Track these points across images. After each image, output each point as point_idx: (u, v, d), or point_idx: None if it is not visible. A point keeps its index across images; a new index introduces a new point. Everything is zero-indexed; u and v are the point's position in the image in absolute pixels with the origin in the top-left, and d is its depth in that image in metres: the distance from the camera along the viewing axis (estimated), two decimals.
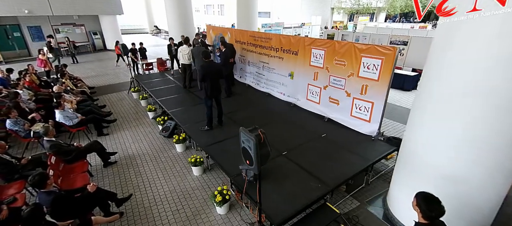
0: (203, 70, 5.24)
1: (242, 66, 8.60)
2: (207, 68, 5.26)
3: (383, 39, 10.91)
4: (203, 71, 5.23)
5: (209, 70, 5.27)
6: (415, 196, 2.28)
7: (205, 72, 5.23)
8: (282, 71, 6.81)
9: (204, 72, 5.23)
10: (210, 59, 5.55)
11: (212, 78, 5.34)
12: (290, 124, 5.65)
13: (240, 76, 8.89)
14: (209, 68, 5.29)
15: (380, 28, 16.07)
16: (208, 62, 5.37)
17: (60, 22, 16.66)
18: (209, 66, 5.33)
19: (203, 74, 5.22)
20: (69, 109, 5.91)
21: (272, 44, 6.89)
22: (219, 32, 9.63)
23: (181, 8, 10.20)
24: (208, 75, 5.25)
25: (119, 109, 7.96)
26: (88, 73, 12.46)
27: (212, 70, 5.34)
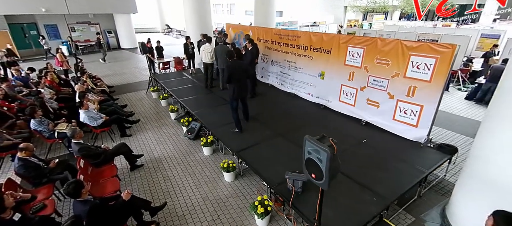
0: (229, 70, 4.94)
1: (265, 65, 8.28)
2: (234, 67, 4.97)
3: (409, 37, 10.39)
4: (229, 71, 4.94)
5: (235, 69, 4.98)
6: (492, 215, 1.92)
7: (231, 72, 4.93)
8: (311, 71, 6.46)
9: (231, 72, 4.93)
10: (235, 58, 5.23)
11: (239, 78, 5.06)
12: (324, 128, 5.30)
13: (262, 76, 8.58)
14: (236, 68, 5.00)
15: (400, 26, 15.48)
16: (234, 61, 5.08)
17: (75, 21, 16.70)
18: (236, 65, 5.04)
19: (229, 74, 4.92)
20: (93, 110, 5.72)
21: (301, 43, 6.55)
22: (240, 30, 9.35)
23: (200, 6, 9.93)
24: (235, 75, 4.97)
25: (139, 109, 7.77)
26: (105, 72, 12.36)
27: (238, 69, 5.05)
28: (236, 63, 5.11)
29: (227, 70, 4.95)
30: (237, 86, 5.04)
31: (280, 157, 4.27)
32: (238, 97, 5.18)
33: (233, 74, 4.95)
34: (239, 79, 5.07)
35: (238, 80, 5.03)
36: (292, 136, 4.92)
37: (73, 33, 16.80)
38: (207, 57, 7.89)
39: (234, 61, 5.10)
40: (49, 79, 7.76)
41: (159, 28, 29.67)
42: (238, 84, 5.04)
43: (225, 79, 5.05)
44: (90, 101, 6.01)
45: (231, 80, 4.97)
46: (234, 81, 4.98)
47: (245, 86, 5.33)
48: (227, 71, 4.95)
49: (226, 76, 4.97)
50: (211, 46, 7.94)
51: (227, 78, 4.98)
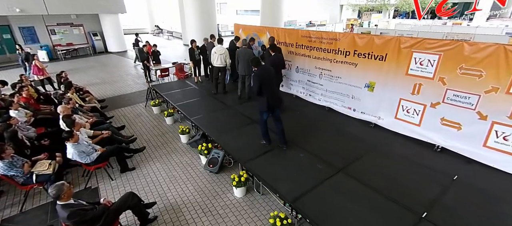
0: (259, 79, 4.17)
1: (287, 72, 7.10)
2: (263, 76, 4.24)
3: (434, 36, 9.49)
4: (259, 79, 4.16)
5: (266, 78, 4.25)
6: None
7: (262, 80, 4.17)
8: (355, 81, 5.34)
9: (261, 81, 4.15)
10: (263, 65, 4.50)
11: (271, 88, 4.35)
12: (386, 157, 4.18)
13: (282, 84, 7.39)
14: (266, 76, 4.27)
15: (414, 25, 14.64)
16: (263, 68, 4.40)
17: (56, 22, 14.89)
18: (266, 73, 4.32)
19: (260, 82, 4.15)
20: (85, 140, 4.34)
21: (340, 47, 5.41)
22: (252, 31, 8.13)
23: (203, 5, 8.61)
24: (267, 84, 4.24)
25: (140, 130, 6.40)
26: (92, 80, 10.80)
27: (270, 77, 4.33)
28: (266, 70, 4.42)
29: (257, 79, 4.20)
30: (269, 96, 4.26)
31: (358, 210, 3.11)
32: (271, 109, 4.38)
33: (264, 83, 4.20)
34: (271, 88, 4.36)
35: (270, 89, 4.32)
36: (359, 173, 3.78)
37: (54, 36, 15.01)
38: (219, 60, 6.83)
39: (263, 68, 4.37)
40: (25, 95, 6.26)
41: (148, 29, 27.88)
42: (270, 94, 4.29)
43: (256, 90, 4.23)
44: (79, 127, 4.62)
45: (262, 91, 4.21)
46: (265, 91, 4.23)
47: (278, 96, 4.55)
48: (257, 80, 4.20)
49: (257, 86, 4.21)
50: (223, 48, 6.86)
51: (258, 89, 4.21)
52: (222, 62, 7.06)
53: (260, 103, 4.36)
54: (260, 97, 4.29)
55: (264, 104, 4.26)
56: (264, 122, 4.46)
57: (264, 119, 4.43)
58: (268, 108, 4.30)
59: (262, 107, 4.32)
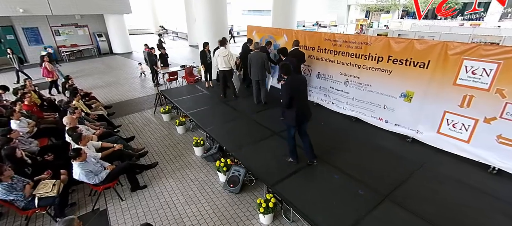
0: (289, 90, 3.70)
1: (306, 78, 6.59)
2: (295, 85, 3.75)
3: (460, 40, 8.93)
4: (290, 90, 3.69)
5: (297, 88, 3.77)
6: None
7: (293, 91, 3.68)
8: (388, 90, 4.84)
9: (292, 92, 3.67)
10: (293, 73, 3.93)
11: (302, 99, 3.89)
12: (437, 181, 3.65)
13: None
14: (297, 85, 3.79)
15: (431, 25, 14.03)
16: (294, 77, 3.87)
17: (60, 23, 14.53)
18: (297, 82, 3.81)
19: (291, 94, 3.66)
20: (93, 157, 3.89)
21: (371, 52, 4.91)
22: (268, 34, 7.64)
23: (214, 6, 8.14)
24: (297, 95, 3.74)
25: (149, 140, 5.94)
26: (97, 83, 10.39)
27: (300, 86, 3.85)
28: (298, 79, 3.90)
29: (288, 90, 3.70)
30: (299, 109, 3.78)
31: None
32: (301, 123, 3.94)
33: (295, 93, 3.70)
34: (302, 100, 3.90)
35: (301, 102, 3.84)
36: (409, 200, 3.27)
37: (58, 37, 14.65)
38: (223, 63, 6.65)
39: (294, 76, 3.86)
40: (27, 103, 5.83)
41: (152, 29, 27.49)
42: (301, 107, 3.82)
43: (286, 103, 3.71)
44: (86, 140, 4.16)
45: (293, 103, 3.70)
46: (296, 103, 3.73)
47: (308, 108, 4.04)
48: (287, 91, 3.69)
49: (287, 99, 3.69)
50: (226, 50, 6.61)
51: (288, 101, 3.70)
52: (227, 65, 6.72)
53: (287, 116, 3.88)
54: (287, 109, 3.81)
55: (293, 118, 3.78)
56: (292, 137, 3.98)
57: (292, 134, 3.95)
58: (298, 122, 3.83)
59: (291, 122, 3.84)
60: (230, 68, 6.84)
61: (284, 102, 3.70)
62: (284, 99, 3.68)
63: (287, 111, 3.83)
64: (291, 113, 3.78)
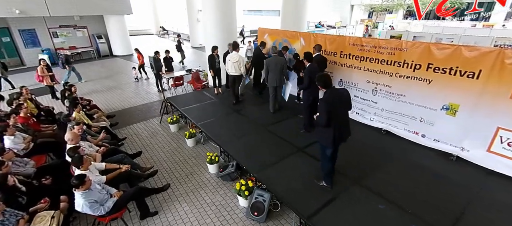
0: (327, 106, 3.15)
1: None
2: (335, 101, 3.21)
3: (481, 42, 8.47)
4: (327, 106, 3.15)
5: (337, 103, 3.23)
6: None
7: (331, 108, 3.15)
8: (426, 101, 4.33)
9: (329, 108, 3.14)
10: (333, 86, 3.39)
11: (342, 116, 3.35)
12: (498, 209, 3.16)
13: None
14: (338, 101, 3.25)
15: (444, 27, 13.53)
16: (333, 91, 3.33)
17: (58, 24, 13.96)
18: (336, 97, 3.27)
19: (330, 111, 3.13)
20: (97, 184, 3.36)
21: (406, 58, 4.41)
22: (282, 37, 7.13)
23: (223, 7, 7.62)
24: (336, 112, 3.19)
25: (156, 154, 5.41)
26: (97, 88, 9.86)
27: (340, 102, 3.30)
28: (338, 94, 3.34)
29: (326, 106, 3.15)
30: (338, 129, 3.26)
31: None
32: (338, 144, 3.44)
33: (334, 110, 3.16)
34: (342, 117, 3.37)
35: (341, 119, 3.33)
36: None
37: (56, 39, 14.07)
38: (233, 68, 6.29)
39: (334, 90, 3.34)
40: (23, 115, 5.29)
41: (153, 30, 26.93)
42: (340, 126, 3.29)
43: (324, 121, 3.17)
44: (88, 162, 3.62)
45: (332, 121, 3.16)
46: (334, 122, 3.19)
47: (348, 127, 3.49)
48: (325, 107, 3.15)
49: (326, 117, 3.14)
50: (238, 55, 6.21)
51: (326, 119, 3.14)
52: (237, 71, 6.33)
53: (322, 135, 3.37)
54: (323, 127, 3.29)
55: (330, 138, 3.27)
56: (327, 159, 3.47)
57: (327, 155, 3.44)
58: (335, 144, 3.33)
59: (327, 142, 3.33)
60: (239, 74, 6.43)
61: (321, 120, 3.18)
62: (322, 117, 3.16)
63: (322, 129, 3.32)
64: (327, 133, 3.26)
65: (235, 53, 6.31)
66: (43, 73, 8.12)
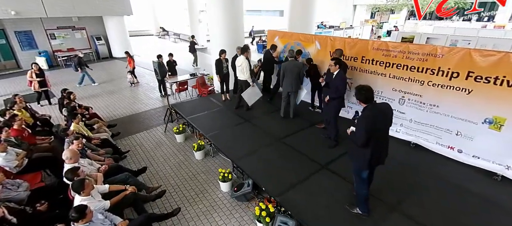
0: (368, 124, 2.71)
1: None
2: (377, 119, 2.74)
3: (500, 44, 8.06)
4: (368, 125, 2.71)
5: (379, 121, 2.77)
6: None
7: (372, 126, 2.71)
8: (465, 113, 3.91)
9: (371, 127, 2.70)
10: (375, 101, 2.84)
11: (381, 135, 2.85)
12: None
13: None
14: (381, 118, 2.78)
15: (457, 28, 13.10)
16: (376, 106, 2.82)
17: (56, 26, 13.46)
18: (380, 114, 2.79)
19: (370, 130, 2.70)
20: (99, 214, 2.91)
21: (442, 65, 3.98)
22: (294, 40, 6.69)
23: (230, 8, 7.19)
24: (377, 129, 2.75)
25: (162, 169, 4.96)
26: (96, 92, 9.39)
27: (385, 120, 2.84)
28: (382, 110, 2.83)
29: (367, 124, 2.71)
30: (376, 150, 2.82)
31: None
32: (377, 164, 2.98)
33: (374, 128, 2.71)
34: (382, 137, 2.89)
35: (381, 139, 2.87)
36: None
37: (53, 41, 13.57)
38: (239, 73, 6.10)
39: (376, 106, 2.81)
40: (17, 127, 4.83)
41: (153, 31, 26.43)
42: (379, 147, 2.85)
43: (361, 140, 2.75)
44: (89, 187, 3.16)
45: (371, 140, 2.73)
46: (373, 141, 2.75)
47: (387, 147, 3.00)
48: (366, 126, 2.71)
49: (364, 136, 2.71)
50: (242, 58, 5.96)
51: (365, 139, 2.71)
52: (240, 75, 6.14)
53: (358, 156, 2.93)
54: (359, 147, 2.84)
55: (366, 161, 2.83)
56: (363, 183, 3.03)
57: (363, 178, 3.00)
58: (371, 167, 2.89)
59: (362, 164, 2.90)
60: (244, 79, 6.11)
61: (359, 139, 2.74)
62: (360, 136, 2.72)
63: (357, 149, 2.88)
64: (363, 153, 2.83)
65: (240, 57, 6.05)
66: (32, 78, 7.66)
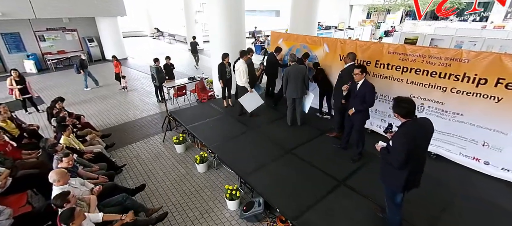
0: (409, 143, 2.35)
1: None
2: (418, 135, 2.41)
3: (507, 46, 7.87)
4: (409, 144, 2.35)
5: (417, 139, 2.40)
6: None
7: (413, 145, 2.36)
8: (493, 123, 3.62)
9: (412, 147, 2.35)
10: (416, 116, 2.45)
11: (420, 154, 2.52)
12: None
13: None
14: (422, 135, 2.45)
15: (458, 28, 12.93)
16: (417, 121, 2.45)
17: (45, 27, 12.86)
18: (421, 130, 2.45)
19: (410, 150, 2.33)
20: None
21: (468, 71, 3.68)
22: (301, 43, 6.35)
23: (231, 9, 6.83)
24: (416, 149, 2.40)
25: (163, 185, 4.54)
26: (89, 97, 8.89)
27: (421, 137, 2.46)
28: (423, 126, 2.48)
29: (408, 142, 2.35)
30: (413, 171, 2.50)
31: None
32: (412, 188, 2.63)
33: (416, 145, 2.38)
34: (421, 156, 2.56)
35: (419, 158, 2.54)
36: None
37: (43, 43, 12.96)
38: (237, 77, 5.79)
39: (415, 121, 2.44)
40: (1, 141, 4.36)
41: (147, 32, 25.83)
42: (416, 167, 2.52)
43: (400, 161, 2.38)
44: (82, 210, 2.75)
45: (410, 161, 2.38)
46: (412, 160, 2.39)
47: (423, 167, 2.62)
48: (406, 143, 2.35)
49: (403, 156, 2.34)
50: (239, 63, 5.65)
51: (403, 159, 2.35)
52: (239, 80, 5.81)
53: (392, 177, 2.59)
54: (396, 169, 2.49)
55: (402, 182, 2.50)
56: (397, 207, 2.69)
57: (397, 202, 2.67)
58: (406, 188, 2.56)
59: (397, 186, 2.56)
60: (242, 85, 5.79)
61: (398, 161, 2.39)
62: (399, 158, 2.37)
63: (391, 169, 2.53)
64: (399, 175, 2.49)
65: (238, 61, 5.70)
66: (12, 86, 7.13)
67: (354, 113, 3.95)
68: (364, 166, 4.06)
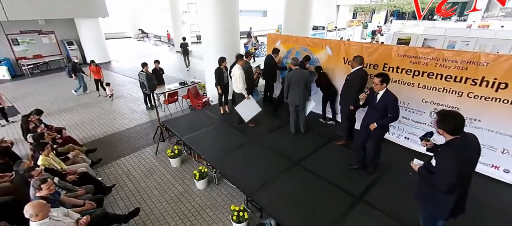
0: (460, 165, 2.03)
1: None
2: (468, 155, 2.12)
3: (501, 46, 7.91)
4: (461, 167, 2.03)
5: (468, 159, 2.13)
6: None
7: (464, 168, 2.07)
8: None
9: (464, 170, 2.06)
10: (464, 132, 2.14)
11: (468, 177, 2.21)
12: None
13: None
14: (469, 155, 2.13)
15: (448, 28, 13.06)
16: (466, 139, 2.13)
17: (18, 30, 11.89)
18: (470, 149, 2.14)
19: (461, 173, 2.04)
20: None
21: (486, 74, 3.49)
22: (300, 45, 6.04)
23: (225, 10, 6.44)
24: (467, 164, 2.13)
25: (159, 207, 4.07)
26: (70, 106, 8.18)
27: (472, 153, 2.17)
28: (468, 143, 2.13)
29: (457, 165, 2.02)
30: (461, 196, 2.22)
31: None
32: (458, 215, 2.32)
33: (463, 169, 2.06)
34: (468, 177, 2.22)
35: (468, 179, 2.22)
36: None
37: (16, 47, 11.98)
38: (234, 84, 5.37)
39: (464, 139, 2.12)
40: None
41: (130, 33, 24.80)
42: (464, 191, 2.23)
43: (449, 185, 2.07)
44: None
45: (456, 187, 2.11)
46: (461, 184, 2.12)
47: (468, 189, 2.29)
48: (456, 166, 2.02)
49: (454, 181, 2.04)
50: (235, 67, 5.26)
51: (453, 183, 2.06)
52: (237, 87, 5.35)
53: (437, 202, 2.26)
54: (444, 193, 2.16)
55: (448, 208, 2.19)
56: None
57: None
58: (452, 214, 2.27)
59: (441, 212, 2.25)
60: (238, 91, 5.38)
61: (446, 185, 2.05)
62: (448, 182, 2.04)
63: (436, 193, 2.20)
64: (445, 200, 2.18)
65: (235, 66, 5.31)
66: None
67: (375, 128, 3.56)
68: (380, 178, 3.79)
